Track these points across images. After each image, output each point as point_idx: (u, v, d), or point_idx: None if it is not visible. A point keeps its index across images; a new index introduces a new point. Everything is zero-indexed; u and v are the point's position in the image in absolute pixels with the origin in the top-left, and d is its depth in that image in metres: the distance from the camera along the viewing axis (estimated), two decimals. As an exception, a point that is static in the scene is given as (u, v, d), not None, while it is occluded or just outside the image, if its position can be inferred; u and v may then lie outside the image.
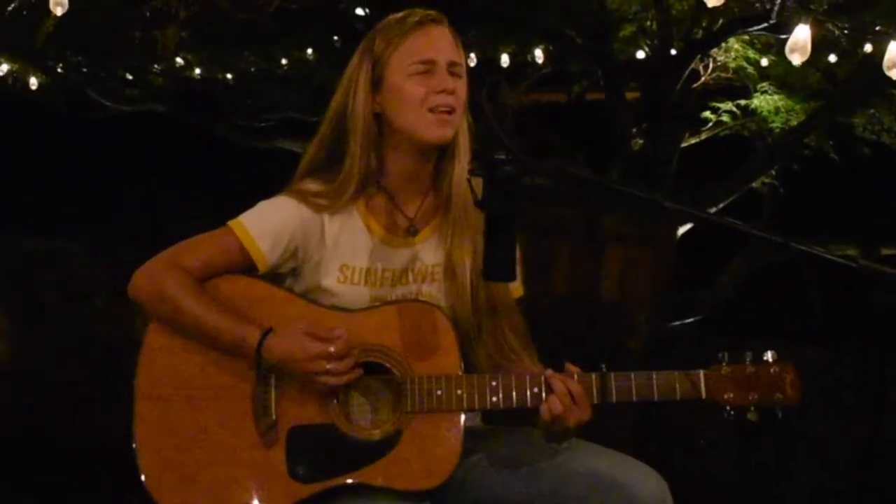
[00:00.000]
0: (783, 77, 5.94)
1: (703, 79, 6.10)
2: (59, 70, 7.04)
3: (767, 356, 1.89)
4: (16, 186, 7.53)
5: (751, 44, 5.85)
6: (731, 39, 5.69)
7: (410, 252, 2.01)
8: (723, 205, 5.79)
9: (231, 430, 1.87)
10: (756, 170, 5.95)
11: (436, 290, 2.00)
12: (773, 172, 6.22)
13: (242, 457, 1.87)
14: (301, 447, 1.87)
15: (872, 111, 6.01)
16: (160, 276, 1.91)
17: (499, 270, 1.75)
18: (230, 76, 7.44)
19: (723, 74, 6.12)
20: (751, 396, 1.87)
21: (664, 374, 1.87)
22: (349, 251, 1.97)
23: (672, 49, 5.75)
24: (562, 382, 1.85)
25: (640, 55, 6.22)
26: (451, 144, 1.97)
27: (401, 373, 1.89)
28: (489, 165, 1.72)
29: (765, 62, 5.90)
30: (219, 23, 5.69)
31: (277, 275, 1.99)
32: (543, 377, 1.87)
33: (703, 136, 6.53)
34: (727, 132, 6.52)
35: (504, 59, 6.82)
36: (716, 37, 5.56)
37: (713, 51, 5.82)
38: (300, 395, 1.88)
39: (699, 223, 4.50)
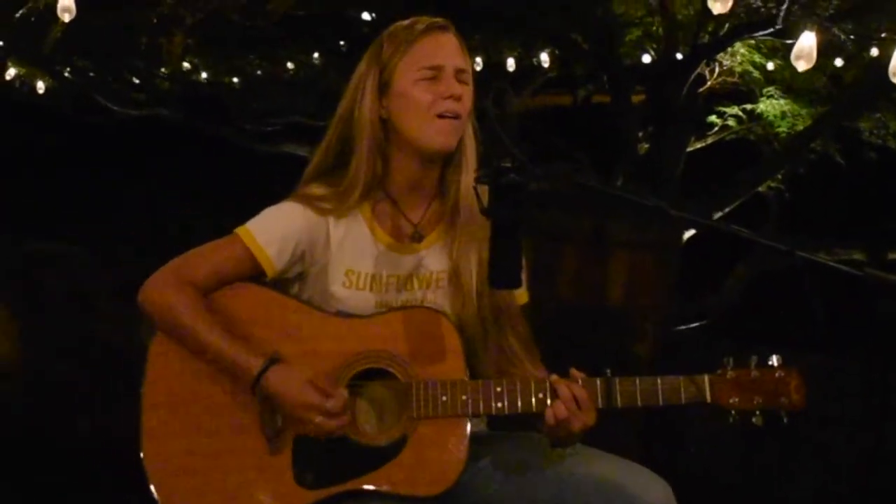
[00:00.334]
0: (789, 81, 5.94)
1: (709, 83, 6.10)
2: (67, 74, 7.06)
3: (772, 361, 1.89)
4: (18, 187, 7.54)
5: (757, 48, 5.85)
6: (737, 44, 5.69)
7: (415, 258, 2.01)
8: (729, 209, 5.77)
9: (238, 437, 1.88)
10: (762, 174, 5.94)
11: (440, 297, 2.00)
12: (780, 176, 6.21)
13: (249, 463, 1.88)
14: (307, 453, 1.87)
15: (878, 115, 6.00)
16: (169, 294, 1.90)
17: (504, 278, 1.76)
18: (237, 80, 7.46)
19: (729, 79, 6.11)
20: (755, 401, 1.87)
21: (669, 379, 1.87)
22: (354, 256, 1.98)
23: (678, 53, 5.75)
24: (567, 387, 1.86)
25: (647, 59, 6.22)
26: (457, 152, 1.98)
27: (406, 379, 1.89)
28: (495, 173, 1.72)
29: (771, 66, 5.90)
30: (224, 28, 5.71)
31: (284, 280, 2.00)
32: (548, 382, 1.87)
33: (710, 141, 6.53)
34: (733, 136, 6.51)
35: (510, 63, 6.82)
36: (721, 42, 5.57)
37: (719, 55, 5.82)
38: None
39: (703, 230, 4.50)
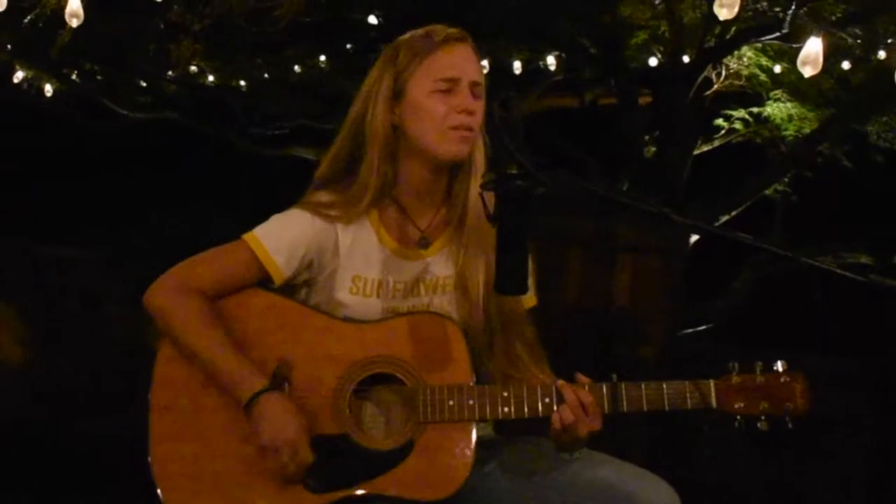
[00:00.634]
0: (796, 84, 5.91)
1: (716, 86, 6.08)
2: (74, 78, 7.08)
3: (777, 366, 1.89)
4: (28, 191, 7.57)
5: (763, 51, 5.84)
6: (744, 47, 5.68)
7: (422, 264, 2.02)
8: (736, 212, 5.76)
9: (245, 441, 1.88)
10: (769, 177, 5.92)
11: (447, 302, 2.01)
12: (787, 180, 6.20)
13: (256, 468, 1.88)
14: (314, 458, 1.87)
15: (886, 118, 5.98)
16: (172, 300, 1.92)
17: (511, 284, 1.77)
18: (243, 84, 7.46)
19: (735, 82, 6.10)
20: (761, 406, 1.87)
21: (675, 384, 1.88)
22: (362, 262, 1.99)
23: (684, 57, 5.75)
24: (573, 392, 1.86)
25: (653, 62, 6.21)
26: (467, 161, 1.99)
27: (413, 384, 1.90)
28: (501, 180, 1.73)
29: (778, 69, 5.88)
30: (232, 32, 5.72)
31: (292, 286, 2.00)
32: (554, 387, 1.88)
33: (716, 144, 6.51)
34: (740, 140, 6.50)
35: (516, 66, 6.81)
36: (728, 45, 5.56)
37: (726, 58, 5.81)
38: (313, 406, 1.90)
39: (707, 236, 4.50)
